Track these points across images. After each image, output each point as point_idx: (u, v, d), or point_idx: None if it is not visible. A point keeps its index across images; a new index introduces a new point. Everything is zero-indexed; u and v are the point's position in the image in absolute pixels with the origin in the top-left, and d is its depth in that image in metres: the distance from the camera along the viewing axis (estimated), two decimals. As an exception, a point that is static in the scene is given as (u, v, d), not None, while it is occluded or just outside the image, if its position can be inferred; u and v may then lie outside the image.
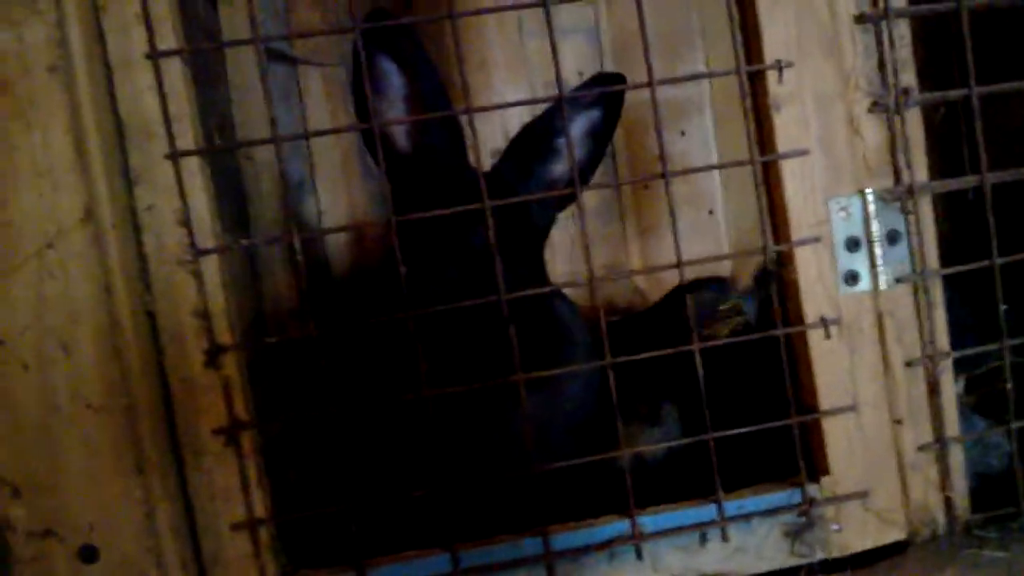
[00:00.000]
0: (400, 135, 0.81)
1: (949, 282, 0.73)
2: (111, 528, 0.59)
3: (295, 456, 0.67)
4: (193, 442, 0.61)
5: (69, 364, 0.58)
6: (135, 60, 0.60)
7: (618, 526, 0.67)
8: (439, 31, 1.17)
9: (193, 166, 0.61)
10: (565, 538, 0.67)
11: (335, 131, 1.05)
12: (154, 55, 0.59)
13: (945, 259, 0.72)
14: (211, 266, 0.61)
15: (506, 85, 1.27)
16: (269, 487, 0.63)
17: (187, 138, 0.61)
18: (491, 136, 1.22)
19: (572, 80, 1.23)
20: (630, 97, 1.32)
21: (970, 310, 0.78)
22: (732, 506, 0.68)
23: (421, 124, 0.80)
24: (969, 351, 0.72)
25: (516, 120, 1.17)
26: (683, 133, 1.32)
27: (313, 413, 0.62)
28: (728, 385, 0.76)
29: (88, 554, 0.58)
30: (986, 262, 0.71)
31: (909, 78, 0.70)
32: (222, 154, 0.74)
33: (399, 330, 0.63)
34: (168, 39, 0.60)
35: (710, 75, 0.73)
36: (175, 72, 0.60)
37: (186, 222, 0.61)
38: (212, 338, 0.61)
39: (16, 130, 0.57)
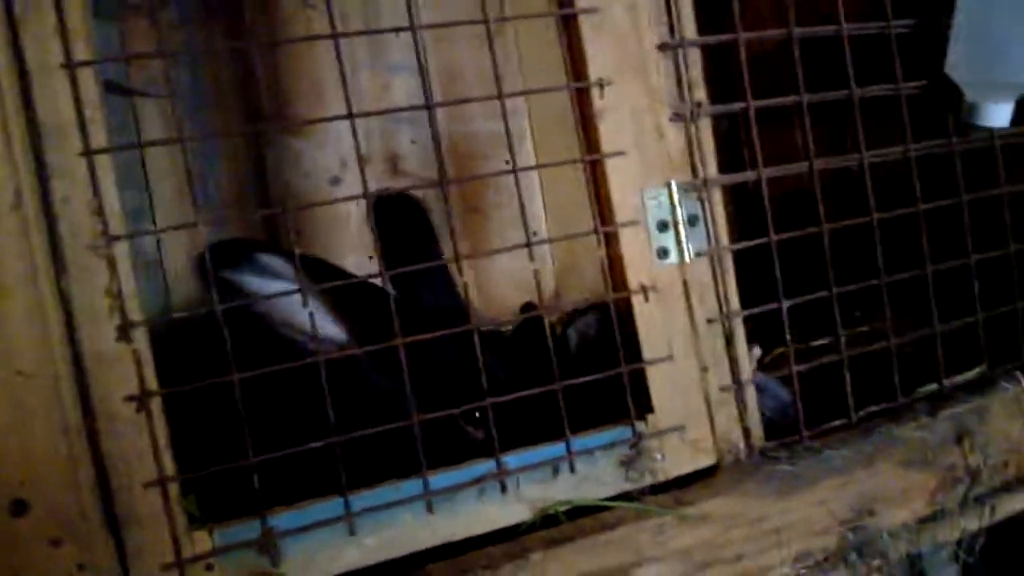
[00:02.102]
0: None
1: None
2: (40, 484, 0.65)
3: (204, 421, 0.75)
4: (108, 408, 0.68)
5: (2, 335, 0.64)
6: (52, 68, 0.67)
7: (485, 466, 0.80)
8: (273, 60, 1.25)
9: (104, 163, 0.69)
10: (441, 479, 0.78)
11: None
12: (69, 65, 0.67)
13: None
14: (121, 251, 0.69)
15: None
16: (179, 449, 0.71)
17: (99, 138, 0.68)
18: (328, 165, 1.28)
19: (404, 113, 1.32)
20: (459, 130, 1.45)
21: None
22: (578, 443, 0.82)
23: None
24: (756, 310, 0.90)
25: (348, 147, 1.27)
26: (507, 162, 1.47)
27: (213, 382, 0.71)
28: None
29: (18, 508, 0.63)
30: (765, 239, 0.90)
31: (700, 94, 0.88)
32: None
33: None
34: (82, 51, 0.68)
35: (546, 90, 0.87)
36: (87, 80, 0.68)
37: (99, 212, 0.68)
38: (124, 315, 0.69)
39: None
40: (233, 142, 1.23)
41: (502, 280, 1.38)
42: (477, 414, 0.84)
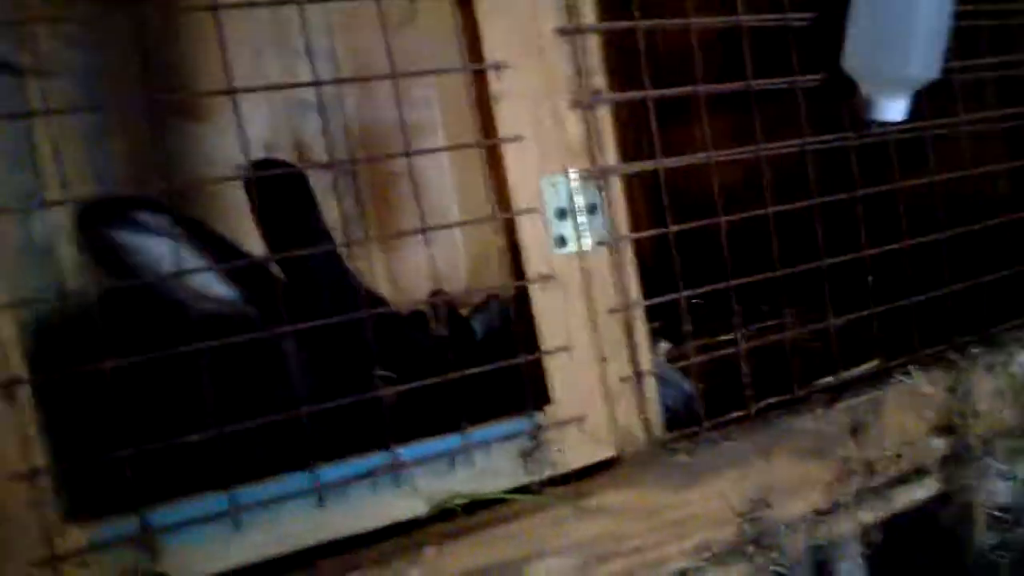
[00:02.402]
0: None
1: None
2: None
3: (79, 411, 0.71)
4: (-29, 396, 0.64)
5: None
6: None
7: (379, 458, 0.77)
8: (174, 42, 1.21)
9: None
10: (332, 471, 0.75)
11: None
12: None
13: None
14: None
15: (246, 103, 1.33)
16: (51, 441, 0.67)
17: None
18: (232, 151, 1.26)
19: (311, 99, 1.30)
20: (370, 117, 1.43)
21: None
22: (476, 435, 0.80)
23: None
24: (654, 300, 0.90)
25: (256, 138, 1.25)
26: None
27: (88, 370, 0.67)
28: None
29: None
30: (664, 230, 0.90)
31: (599, 81, 0.87)
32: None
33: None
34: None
35: (441, 71, 0.85)
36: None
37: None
38: (-13, 299, 0.65)
39: None
40: (133, 126, 1.19)
41: (413, 271, 1.37)
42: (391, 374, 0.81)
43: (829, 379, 1.00)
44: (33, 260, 0.90)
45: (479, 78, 0.84)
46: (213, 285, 0.82)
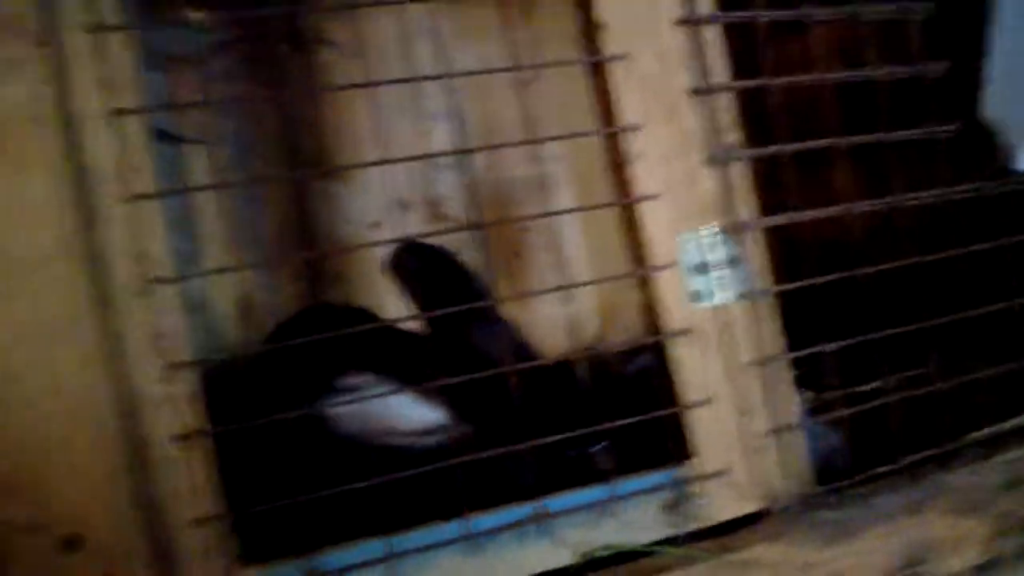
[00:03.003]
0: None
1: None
2: (92, 521, 0.66)
3: (249, 462, 0.76)
4: (153, 447, 0.69)
5: (48, 377, 0.66)
6: (98, 116, 0.70)
7: (527, 508, 0.79)
8: (311, 109, 1.28)
9: (150, 208, 0.71)
10: (482, 521, 0.78)
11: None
12: (114, 113, 0.70)
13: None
14: (167, 294, 0.71)
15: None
16: (224, 489, 0.71)
17: (144, 184, 0.71)
18: (368, 210, 1.31)
19: (443, 158, 1.35)
20: (496, 176, 1.47)
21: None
22: (621, 488, 0.81)
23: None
24: (798, 353, 0.89)
25: (382, 194, 1.30)
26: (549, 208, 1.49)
27: (259, 422, 0.71)
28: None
29: (72, 544, 0.64)
30: (804, 282, 0.89)
31: (733, 137, 0.89)
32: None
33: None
34: (128, 99, 0.70)
35: (577, 135, 0.89)
36: (133, 127, 0.71)
37: (145, 256, 0.70)
38: (170, 357, 0.70)
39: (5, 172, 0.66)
40: (277, 188, 1.26)
41: (544, 325, 1.38)
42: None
43: (982, 432, 0.96)
44: (197, 320, 0.97)
45: (613, 140, 0.87)
46: (420, 413, 0.86)
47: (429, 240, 1.06)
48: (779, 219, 0.91)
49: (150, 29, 1.05)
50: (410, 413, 0.82)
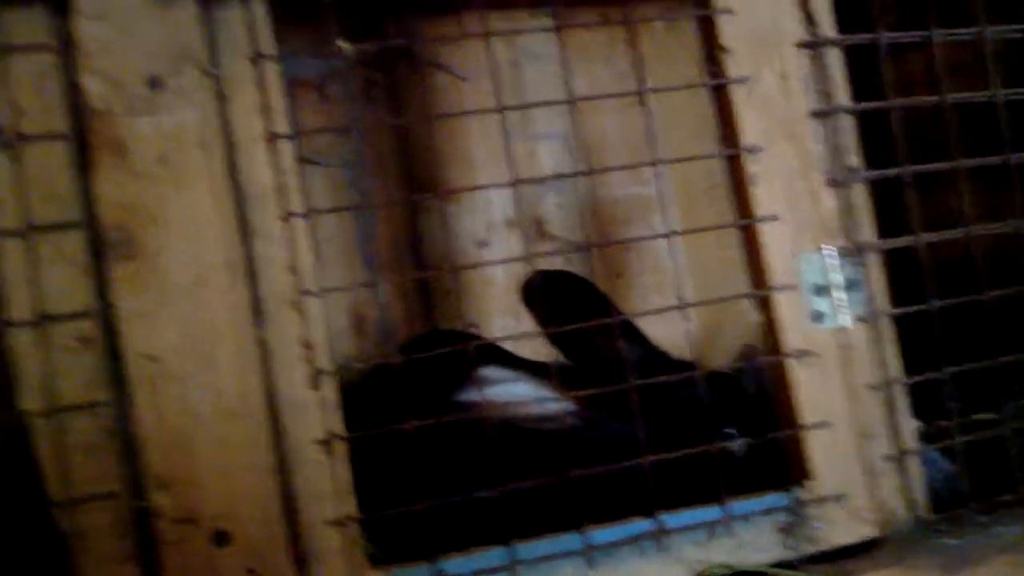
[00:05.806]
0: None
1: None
2: (239, 518, 0.70)
3: (381, 466, 0.79)
4: (298, 450, 0.73)
5: (207, 379, 0.71)
6: (255, 140, 0.75)
7: (645, 524, 0.80)
8: (425, 131, 1.33)
9: (301, 225, 0.75)
10: (601, 534, 0.79)
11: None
12: (270, 136, 0.74)
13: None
14: (313, 305, 0.75)
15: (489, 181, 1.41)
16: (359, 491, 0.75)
17: (296, 203, 0.75)
18: (476, 229, 1.34)
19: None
20: (601, 196, 1.49)
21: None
22: (737, 507, 0.82)
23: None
24: (919, 378, 0.89)
25: (499, 213, 1.34)
26: (652, 228, 1.50)
27: (394, 429, 0.75)
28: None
29: (221, 538, 0.69)
30: (925, 305, 0.89)
31: (854, 159, 0.89)
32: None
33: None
34: (281, 124, 0.75)
35: (699, 158, 0.90)
36: (286, 151, 0.75)
37: (295, 269, 0.74)
38: (314, 364, 0.74)
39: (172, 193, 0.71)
40: (390, 208, 1.31)
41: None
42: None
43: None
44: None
45: (734, 161, 0.88)
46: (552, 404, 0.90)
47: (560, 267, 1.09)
48: (900, 241, 0.90)
49: (306, 58, 1.11)
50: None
